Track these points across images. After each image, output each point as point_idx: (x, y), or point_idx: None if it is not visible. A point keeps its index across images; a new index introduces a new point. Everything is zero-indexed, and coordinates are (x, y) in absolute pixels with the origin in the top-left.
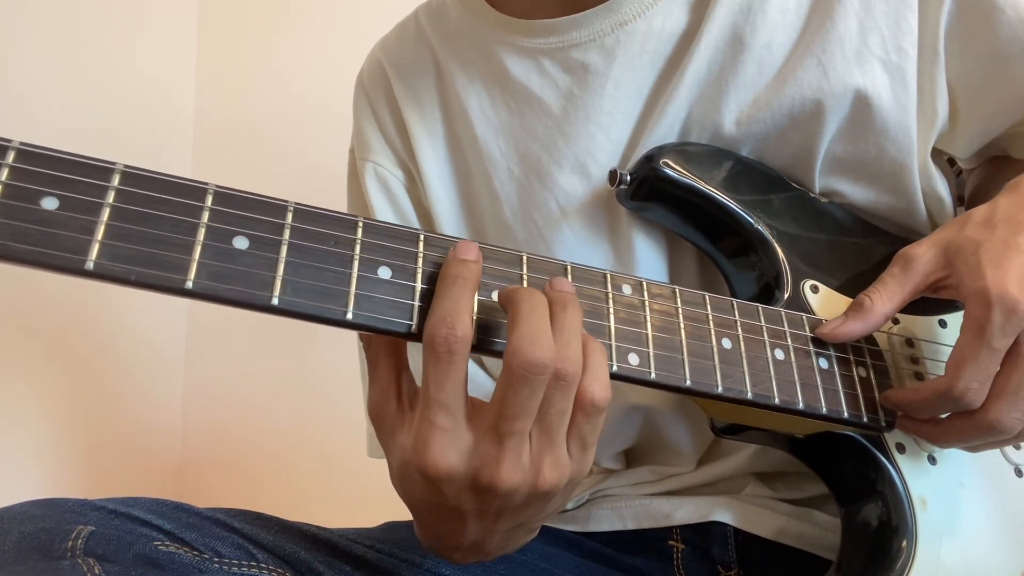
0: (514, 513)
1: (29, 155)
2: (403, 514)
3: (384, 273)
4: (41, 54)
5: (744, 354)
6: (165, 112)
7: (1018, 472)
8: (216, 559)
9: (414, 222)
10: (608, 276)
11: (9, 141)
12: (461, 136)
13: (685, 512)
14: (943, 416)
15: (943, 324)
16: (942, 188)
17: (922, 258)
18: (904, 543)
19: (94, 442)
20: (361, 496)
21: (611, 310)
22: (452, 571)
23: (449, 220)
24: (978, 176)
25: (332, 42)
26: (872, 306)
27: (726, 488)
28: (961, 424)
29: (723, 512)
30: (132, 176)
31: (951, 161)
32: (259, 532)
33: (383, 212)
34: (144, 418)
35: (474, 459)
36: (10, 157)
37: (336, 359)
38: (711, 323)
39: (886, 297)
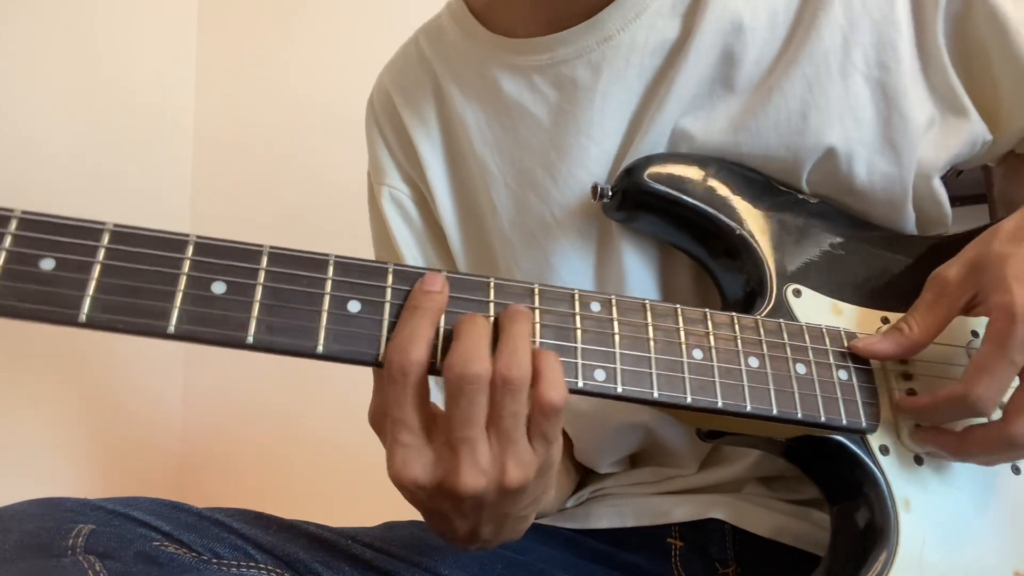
0: (492, 509)
1: (29, 222)
2: (402, 513)
3: (354, 307)
4: (41, 56)
5: (716, 364)
6: (165, 115)
7: (1015, 470)
8: (215, 560)
9: (428, 240)
10: (576, 295)
11: (11, 211)
12: (464, 153)
13: (684, 510)
14: (963, 429)
15: None
16: (941, 195)
17: (952, 281)
18: (884, 546)
19: (94, 442)
20: (360, 495)
21: (579, 329)
22: (450, 571)
23: (456, 235)
24: (1003, 172)
25: (332, 44)
26: (910, 333)
27: (726, 489)
28: (982, 437)
29: (721, 510)
30: (120, 234)
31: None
32: (258, 532)
33: (401, 233)
34: (144, 418)
35: (437, 469)
36: (12, 225)
37: None
38: (682, 336)
39: (924, 326)
